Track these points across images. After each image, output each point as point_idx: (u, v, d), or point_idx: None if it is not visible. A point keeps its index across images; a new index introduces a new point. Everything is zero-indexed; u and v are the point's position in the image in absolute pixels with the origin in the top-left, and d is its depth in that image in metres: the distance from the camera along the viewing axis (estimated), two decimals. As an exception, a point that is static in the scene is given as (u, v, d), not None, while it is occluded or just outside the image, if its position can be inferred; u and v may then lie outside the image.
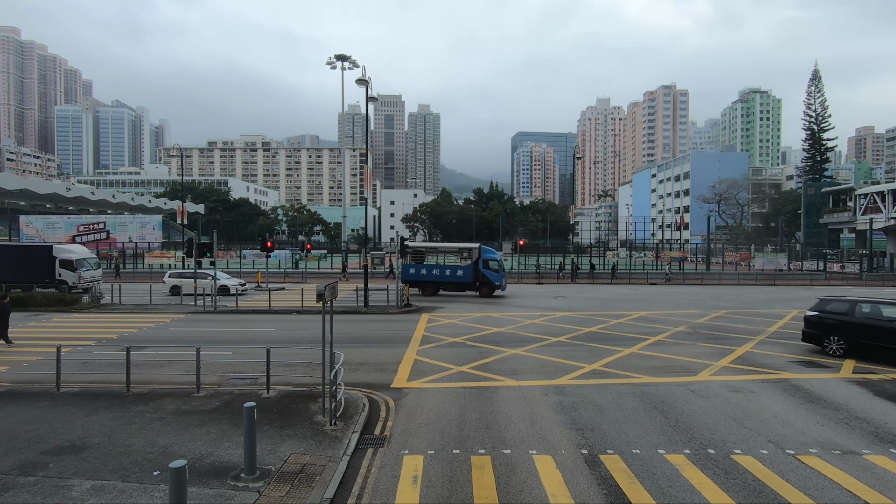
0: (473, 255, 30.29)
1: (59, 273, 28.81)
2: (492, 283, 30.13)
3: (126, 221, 57.13)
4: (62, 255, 29.19)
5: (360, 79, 27.12)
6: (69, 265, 29.10)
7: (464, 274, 30.41)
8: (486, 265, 30.08)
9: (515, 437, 8.82)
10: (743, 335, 18.68)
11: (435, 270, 30.98)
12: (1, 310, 15.70)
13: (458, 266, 30.88)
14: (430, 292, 30.89)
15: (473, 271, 30.13)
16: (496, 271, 30.09)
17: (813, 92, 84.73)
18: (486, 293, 30.24)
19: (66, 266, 29.05)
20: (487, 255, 30.38)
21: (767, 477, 7.41)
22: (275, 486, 6.84)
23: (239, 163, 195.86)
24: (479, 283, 30.22)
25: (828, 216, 66.57)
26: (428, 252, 32.78)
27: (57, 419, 9.27)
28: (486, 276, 30.04)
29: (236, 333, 18.51)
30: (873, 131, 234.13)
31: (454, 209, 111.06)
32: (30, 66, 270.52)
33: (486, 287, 30.20)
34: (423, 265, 31.32)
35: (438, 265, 31.36)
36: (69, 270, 29.07)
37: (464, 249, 31.78)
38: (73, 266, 29.15)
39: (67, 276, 28.91)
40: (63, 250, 29.86)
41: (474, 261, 30.10)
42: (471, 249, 30.85)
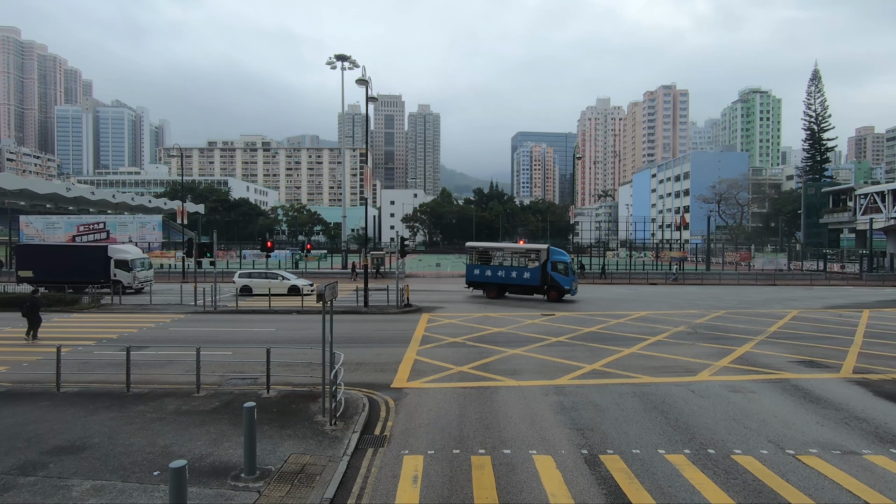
0: (541, 256, 28.49)
1: (114, 273, 29.27)
2: (560, 287, 28.26)
3: (126, 221, 57.06)
4: (117, 256, 29.70)
5: (360, 79, 27.12)
6: (124, 265, 29.67)
7: (531, 277, 28.62)
8: (555, 267, 28.24)
9: (515, 437, 8.82)
10: (743, 335, 18.68)
11: (500, 272, 29.58)
12: (32, 303, 16.72)
13: (525, 268, 29.12)
14: (495, 295, 29.61)
15: (541, 274, 28.31)
16: (565, 274, 28.30)
17: (813, 92, 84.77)
18: (554, 297, 28.37)
19: (122, 266, 29.63)
20: (556, 258, 28.58)
21: (767, 477, 7.41)
22: (275, 486, 6.84)
23: (239, 163, 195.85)
24: (546, 286, 28.45)
25: (828, 216, 66.56)
26: (493, 252, 31.35)
27: (57, 419, 9.28)
28: (554, 279, 28.21)
29: (236, 333, 18.52)
30: (873, 131, 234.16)
31: (454, 209, 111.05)
32: (30, 66, 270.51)
33: (555, 291, 28.33)
34: (488, 266, 30.11)
35: (504, 266, 29.90)
36: (124, 270, 29.63)
37: (531, 250, 30.02)
38: (129, 266, 29.68)
39: (122, 276, 29.43)
40: (118, 251, 30.33)
41: (542, 263, 28.33)
42: (538, 251, 29.10)
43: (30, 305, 16.76)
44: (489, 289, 29.88)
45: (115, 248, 30.81)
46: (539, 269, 28.46)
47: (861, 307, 27.67)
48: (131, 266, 29.69)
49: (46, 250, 31.79)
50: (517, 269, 29.40)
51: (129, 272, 29.58)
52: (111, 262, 29.46)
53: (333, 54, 35.80)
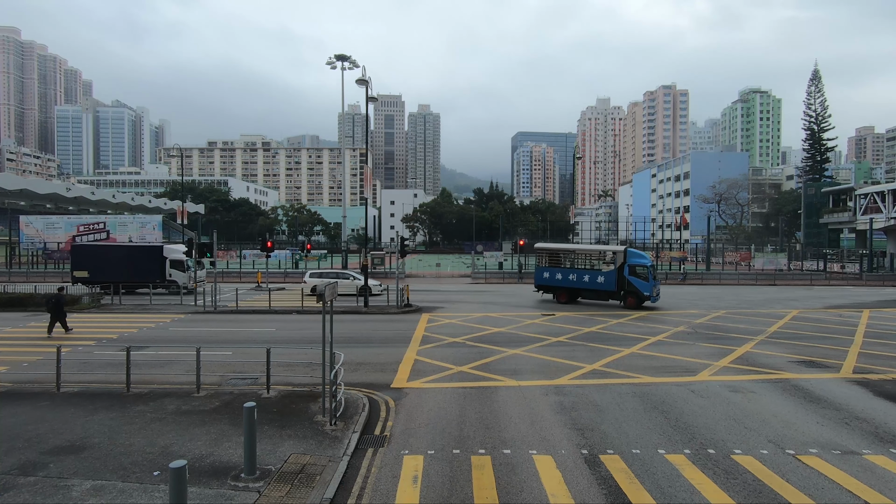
0: (618, 259, 26.08)
1: (170, 273, 29.21)
2: (639, 293, 25.46)
3: (126, 221, 57.03)
4: (172, 256, 29.42)
5: (360, 79, 27.12)
6: (180, 265, 29.42)
7: (605, 281, 26.36)
8: (633, 271, 25.59)
9: (515, 437, 8.82)
10: (743, 335, 18.68)
11: (571, 275, 27.39)
12: (57, 300, 17.71)
13: (599, 271, 26.86)
14: (566, 300, 27.61)
15: (617, 278, 25.93)
16: (645, 279, 25.42)
17: (813, 92, 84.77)
18: (632, 304, 25.66)
19: (177, 266, 29.44)
20: (635, 260, 25.88)
21: (767, 477, 7.41)
22: (275, 486, 6.84)
23: (239, 163, 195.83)
24: (623, 291, 25.94)
25: (828, 216, 66.56)
26: (563, 254, 29.13)
27: (57, 419, 9.28)
28: (632, 283, 25.56)
29: (236, 333, 18.52)
30: (873, 131, 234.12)
31: (454, 209, 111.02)
32: (30, 66, 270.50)
33: (633, 297, 25.65)
34: (558, 269, 28.08)
35: (576, 269, 27.69)
36: (180, 270, 29.42)
37: (606, 252, 27.74)
38: (184, 266, 29.35)
39: (178, 276, 29.33)
40: (173, 250, 30.05)
41: (618, 266, 25.91)
42: (615, 252, 26.76)
43: (55, 302, 17.72)
44: (559, 293, 28.06)
45: (171, 247, 30.57)
46: (614, 272, 26.08)
47: (861, 307, 27.66)
48: (187, 266, 29.41)
49: (101, 250, 31.72)
50: (591, 272, 27.22)
51: (184, 272, 29.35)
52: (167, 262, 29.29)
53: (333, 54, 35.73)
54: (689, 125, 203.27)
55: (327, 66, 35.91)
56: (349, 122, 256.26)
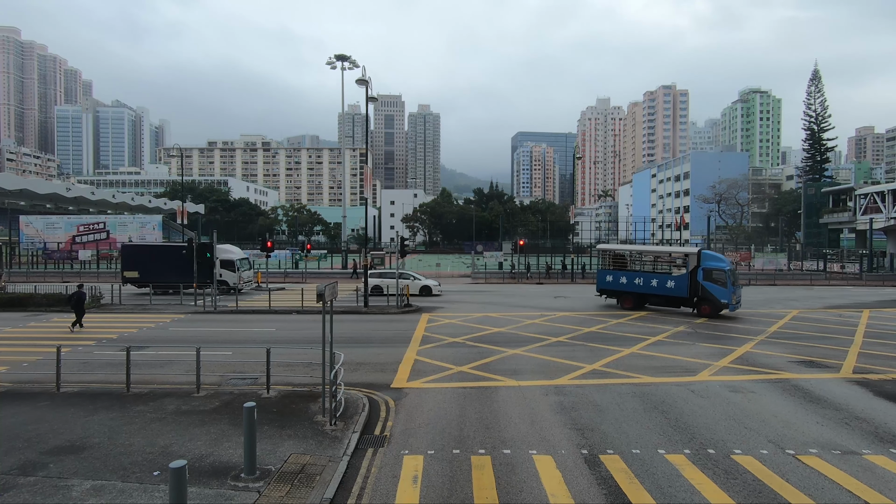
0: (690, 262, 23.72)
1: (220, 273, 28.70)
2: (715, 301, 22.84)
3: (126, 221, 57.10)
4: (223, 256, 28.97)
5: (360, 79, 27.12)
6: (230, 265, 29.29)
7: (675, 286, 23.94)
8: (709, 276, 22.89)
9: (515, 437, 8.82)
10: (743, 335, 18.68)
11: (637, 279, 25.23)
12: (78, 297, 18.44)
13: (669, 275, 24.57)
14: (631, 305, 25.47)
15: (689, 283, 23.47)
16: (723, 284, 22.70)
17: (813, 92, 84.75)
18: (707, 311, 23.13)
19: (227, 266, 29.24)
20: (711, 264, 23.17)
21: (767, 477, 7.41)
22: (275, 486, 6.84)
23: (239, 163, 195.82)
24: (696, 298, 23.48)
25: (828, 216, 66.56)
26: (630, 256, 26.89)
27: (57, 419, 9.28)
28: (707, 290, 22.97)
29: (236, 333, 18.52)
30: (873, 131, 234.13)
31: (454, 209, 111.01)
32: (30, 66, 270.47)
33: (708, 304, 23.10)
34: (623, 272, 25.96)
35: (643, 273, 25.44)
36: (230, 271, 29.22)
37: (677, 255, 25.76)
38: (234, 266, 29.24)
39: (228, 276, 29.17)
40: (223, 250, 29.68)
41: (691, 270, 23.44)
42: (687, 255, 24.47)
43: (76, 299, 18.50)
44: (623, 298, 25.98)
45: (221, 247, 30.08)
46: (686, 276, 23.64)
47: (861, 307, 27.67)
48: (237, 266, 29.27)
49: (151, 251, 31.66)
50: (659, 276, 24.89)
51: (234, 272, 29.20)
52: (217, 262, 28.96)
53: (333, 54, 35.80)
54: (689, 125, 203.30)
55: (327, 66, 35.98)
56: (349, 122, 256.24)
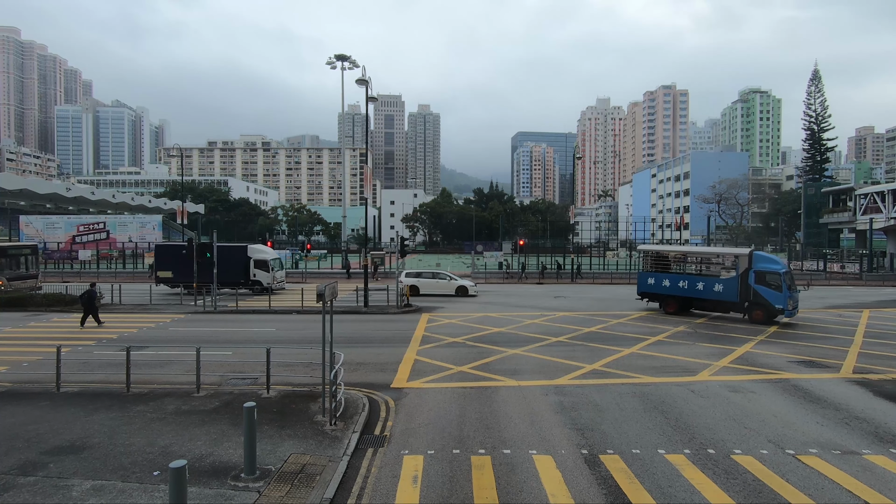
0: (740, 264, 22.07)
1: (254, 274, 28.95)
2: (769, 306, 21.09)
3: (126, 221, 57.13)
4: (257, 256, 29.14)
5: (360, 79, 27.10)
6: (264, 265, 29.18)
7: (724, 289, 22.22)
8: (762, 279, 21.22)
9: (515, 437, 8.82)
10: (743, 335, 18.69)
11: (682, 282, 23.54)
12: (90, 295, 19.10)
13: (717, 278, 22.71)
14: (675, 310, 23.79)
15: (740, 287, 21.77)
16: (777, 289, 20.89)
17: (813, 92, 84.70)
18: (759, 318, 21.41)
19: (261, 266, 29.16)
20: (763, 266, 21.49)
21: (767, 477, 7.41)
22: (275, 486, 6.84)
23: (239, 163, 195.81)
24: (748, 303, 21.73)
25: (828, 216, 66.53)
26: (674, 257, 25.06)
27: (57, 419, 9.28)
28: (759, 294, 21.27)
29: (236, 333, 18.52)
30: (873, 131, 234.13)
31: (454, 209, 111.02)
32: (30, 66, 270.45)
33: (760, 309, 21.37)
34: (666, 275, 24.20)
35: (687, 275, 23.75)
36: (264, 271, 29.11)
37: (725, 256, 23.98)
38: (268, 266, 29.07)
39: (262, 276, 29.07)
40: (258, 250, 29.77)
41: (741, 272, 21.82)
42: (736, 256, 22.71)
43: (87, 297, 19.22)
44: (666, 302, 24.35)
45: (255, 247, 30.28)
46: (736, 279, 21.99)
47: (861, 307, 27.67)
48: (271, 266, 29.17)
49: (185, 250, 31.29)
50: (706, 279, 23.01)
51: (268, 273, 29.11)
52: (251, 262, 29.01)
53: (333, 54, 35.73)
54: (689, 125, 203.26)
55: (327, 66, 35.94)
56: (349, 122, 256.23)
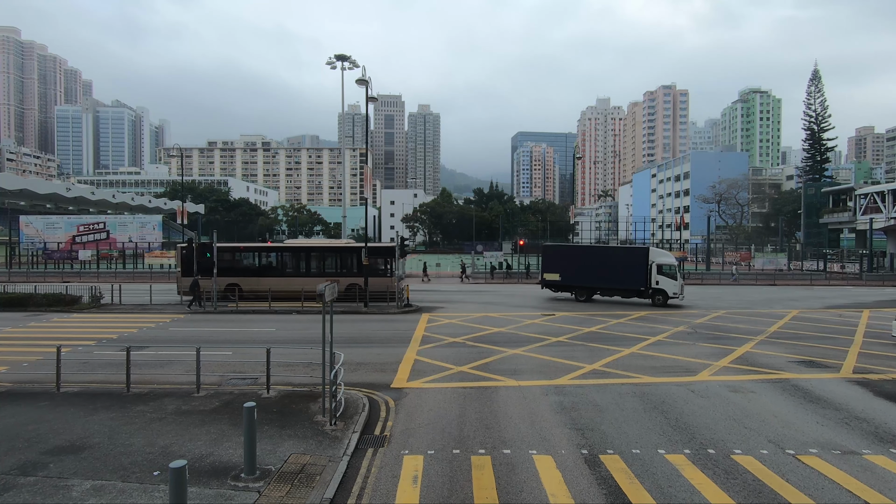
0: None
1: (657, 281, 26.38)
2: None
3: (126, 221, 57.06)
4: (660, 260, 26.66)
5: (360, 79, 27.11)
6: (670, 271, 26.45)
7: None
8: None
9: (515, 437, 8.82)
10: (743, 335, 18.68)
11: None
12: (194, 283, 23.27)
13: None
14: None
15: None
16: None
17: (813, 92, 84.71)
18: None
19: (666, 273, 26.44)
20: None
21: (767, 477, 7.41)
22: (275, 486, 6.84)
23: (239, 163, 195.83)
24: None
25: (828, 216, 66.52)
26: None
27: (57, 419, 9.27)
28: None
29: (236, 333, 18.51)
30: (873, 131, 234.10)
31: (454, 209, 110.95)
32: (30, 66, 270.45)
33: None
34: None
35: None
36: (669, 278, 26.33)
37: None
38: (675, 272, 26.51)
39: (666, 284, 26.38)
40: (660, 253, 27.51)
41: None
42: None
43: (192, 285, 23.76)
44: None
45: (657, 251, 27.95)
46: None
47: (861, 307, 27.66)
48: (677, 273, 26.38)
49: (575, 252, 30.10)
50: None
51: (675, 280, 26.22)
52: (653, 267, 26.28)
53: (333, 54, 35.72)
54: (689, 125, 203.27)
55: (327, 66, 35.92)
56: (349, 122, 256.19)
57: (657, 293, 26.39)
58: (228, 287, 25.77)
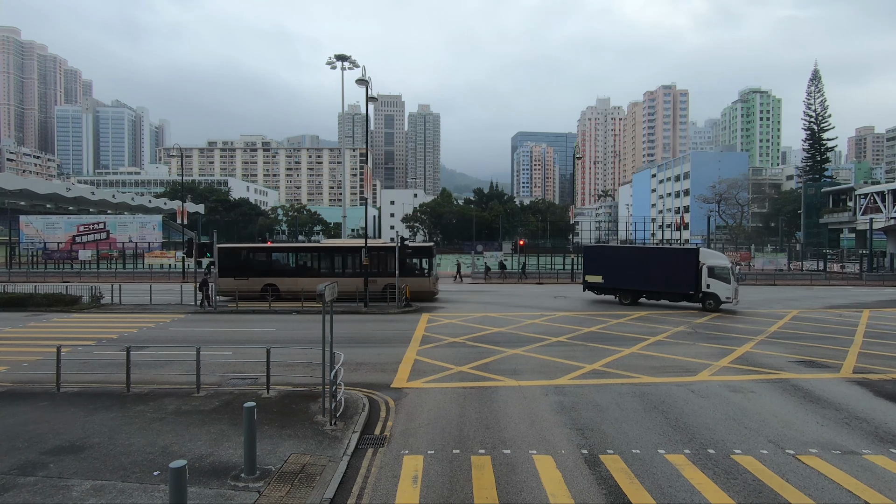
0: None
1: (707, 284, 24.22)
2: None
3: (126, 221, 57.03)
4: (711, 262, 24.44)
5: (360, 79, 27.10)
6: (723, 274, 24.17)
7: None
8: None
9: (515, 437, 8.82)
10: (743, 335, 18.68)
11: None
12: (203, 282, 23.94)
13: None
14: None
15: None
16: None
17: (813, 92, 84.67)
18: None
19: (717, 275, 24.18)
20: None
21: (767, 477, 7.41)
22: (275, 486, 6.84)
23: (239, 163, 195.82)
24: None
25: (828, 216, 66.52)
26: None
27: (57, 419, 9.27)
28: None
29: (236, 333, 18.51)
30: (873, 131, 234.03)
31: (454, 209, 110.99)
32: (30, 66, 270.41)
33: None
34: None
35: None
36: (721, 281, 24.10)
37: None
38: (728, 276, 24.13)
39: (719, 288, 24.12)
40: (712, 255, 25.41)
41: None
42: None
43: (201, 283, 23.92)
44: None
45: (709, 252, 25.88)
46: None
47: (861, 307, 27.65)
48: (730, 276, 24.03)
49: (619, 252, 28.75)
50: None
51: (729, 283, 23.92)
52: (703, 269, 24.21)
53: (333, 54, 35.73)
54: (689, 125, 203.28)
55: (327, 66, 35.95)
56: (349, 122, 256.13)
57: (708, 297, 24.51)
58: (266, 288, 25.83)
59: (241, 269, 27.00)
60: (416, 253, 27.94)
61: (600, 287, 27.75)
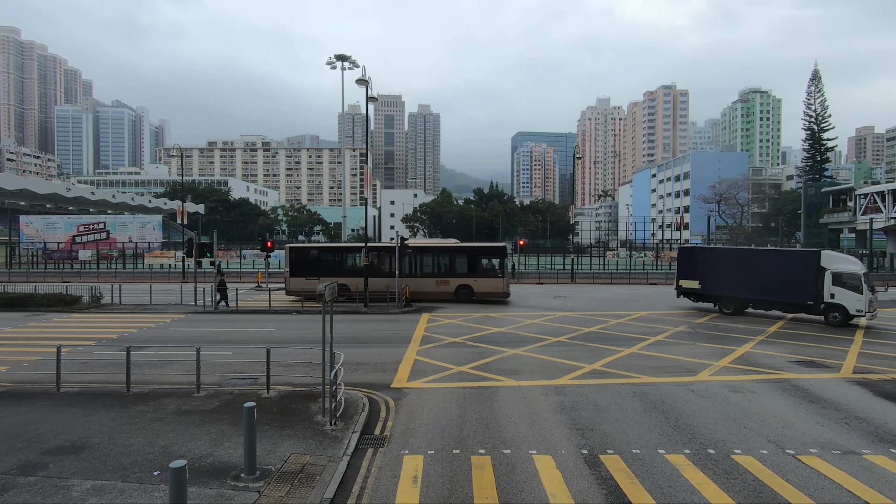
0: None
1: (832, 293, 20.43)
2: None
3: (126, 221, 57.09)
4: (836, 267, 20.54)
5: (360, 79, 27.11)
6: (852, 282, 20.19)
7: None
8: None
9: (515, 437, 8.82)
10: (743, 335, 18.68)
11: None
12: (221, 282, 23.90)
13: None
14: None
15: None
16: None
17: (813, 92, 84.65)
18: None
19: (845, 283, 20.27)
20: None
21: (767, 477, 7.41)
22: (275, 486, 6.84)
23: (239, 163, 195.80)
24: None
25: (828, 216, 66.55)
26: None
27: (57, 419, 9.27)
28: None
29: (236, 333, 18.51)
30: (873, 131, 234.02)
31: (454, 209, 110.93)
32: (30, 66, 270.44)
33: None
34: None
35: None
36: (851, 291, 20.11)
37: None
38: (858, 285, 20.07)
39: (846, 298, 20.15)
40: (838, 258, 21.37)
41: None
42: None
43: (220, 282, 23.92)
44: None
45: (834, 255, 21.70)
46: None
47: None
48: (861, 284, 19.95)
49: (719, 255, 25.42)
50: None
51: (858, 294, 19.89)
52: (827, 275, 20.49)
53: (333, 54, 35.74)
54: (689, 125, 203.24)
55: (327, 66, 35.96)
56: (349, 122, 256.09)
57: (832, 309, 20.60)
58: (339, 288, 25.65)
59: (313, 269, 26.53)
60: (489, 254, 27.63)
61: (697, 293, 24.84)
